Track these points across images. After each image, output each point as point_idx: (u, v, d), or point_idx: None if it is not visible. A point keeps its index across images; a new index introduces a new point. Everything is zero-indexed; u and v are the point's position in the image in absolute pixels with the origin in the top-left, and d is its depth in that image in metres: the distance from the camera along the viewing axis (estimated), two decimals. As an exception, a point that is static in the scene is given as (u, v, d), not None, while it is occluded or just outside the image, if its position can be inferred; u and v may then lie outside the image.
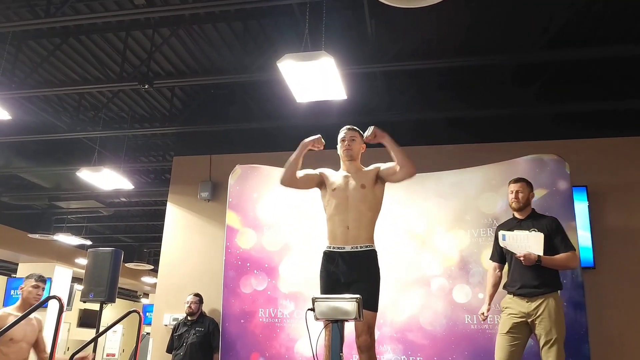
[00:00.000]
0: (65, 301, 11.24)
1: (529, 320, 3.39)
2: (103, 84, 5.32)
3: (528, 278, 3.42)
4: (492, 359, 3.92)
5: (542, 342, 3.35)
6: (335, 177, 3.31)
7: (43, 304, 3.48)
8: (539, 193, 4.21)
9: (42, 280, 3.81)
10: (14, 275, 11.42)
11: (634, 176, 4.96)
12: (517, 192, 3.63)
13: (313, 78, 3.93)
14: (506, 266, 3.63)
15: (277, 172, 4.79)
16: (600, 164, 5.03)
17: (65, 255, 11.05)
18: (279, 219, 4.61)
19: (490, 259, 3.78)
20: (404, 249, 4.41)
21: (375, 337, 4.14)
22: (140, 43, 5.04)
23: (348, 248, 3.05)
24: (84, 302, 4.63)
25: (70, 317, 15.02)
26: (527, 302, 3.40)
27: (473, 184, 4.43)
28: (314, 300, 2.55)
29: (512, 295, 3.51)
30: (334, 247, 3.11)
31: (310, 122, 5.40)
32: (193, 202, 5.91)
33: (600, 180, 4.96)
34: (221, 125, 5.82)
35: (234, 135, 6.07)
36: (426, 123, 5.51)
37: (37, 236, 9.22)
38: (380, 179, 3.26)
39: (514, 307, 3.46)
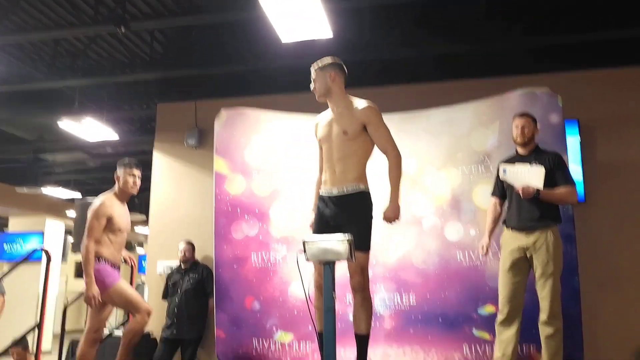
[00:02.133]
0: (60, 254, 11.27)
1: (528, 254, 3.42)
2: (78, 29, 5.07)
3: (527, 212, 3.42)
4: (484, 293, 4.02)
5: (537, 275, 3.39)
6: (322, 124, 3.19)
7: (30, 257, 3.44)
8: (530, 128, 4.15)
9: (138, 167, 3.74)
10: (6, 230, 11.38)
11: (627, 108, 4.90)
12: (522, 127, 3.56)
13: (297, 14, 3.76)
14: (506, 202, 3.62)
15: (264, 116, 4.71)
16: (592, 96, 4.94)
17: (55, 209, 10.99)
18: (268, 163, 4.54)
19: (491, 194, 3.77)
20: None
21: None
22: (113, -17, 4.78)
23: (335, 192, 3.00)
24: (75, 252, 4.61)
25: (67, 269, 15.14)
26: (526, 235, 3.41)
27: (463, 120, 4.35)
28: (304, 242, 2.52)
29: (510, 230, 3.51)
30: (324, 192, 3.07)
31: (297, 63, 5.23)
32: (180, 150, 5.81)
33: (592, 113, 4.89)
34: (205, 69, 5.62)
35: (219, 79, 5.89)
36: (415, 60, 5.36)
37: (25, 190, 9.11)
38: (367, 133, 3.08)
39: (512, 242, 3.47)
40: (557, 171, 3.46)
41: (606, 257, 4.64)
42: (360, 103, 3.06)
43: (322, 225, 2.99)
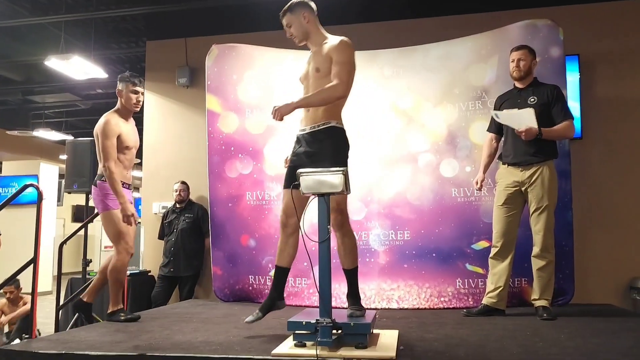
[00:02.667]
0: (55, 197, 11.27)
1: (522, 188, 3.42)
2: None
3: (523, 147, 3.41)
4: (478, 229, 4.05)
5: (532, 209, 3.41)
6: (304, 65, 3.07)
7: (20, 193, 3.40)
8: (530, 62, 4.05)
9: (141, 82, 3.58)
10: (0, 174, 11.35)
11: (628, 43, 4.78)
12: (518, 60, 3.48)
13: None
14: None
15: (257, 52, 4.58)
16: (594, 31, 4.81)
17: (49, 152, 10.91)
18: (261, 100, 4.44)
19: (487, 130, 3.74)
20: (391, 126, 4.32)
21: (364, 215, 4.22)
22: None
23: (308, 129, 2.91)
24: (69, 192, 4.59)
25: (64, 212, 15.24)
26: (522, 170, 3.41)
27: (462, 55, 4.24)
28: (299, 174, 2.49)
29: (506, 166, 3.51)
30: (299, 131, 2.99)
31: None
32: (171, 89, 5.68)
33: (592, 48, 4.77)
34: (194, 2, 5.41)
35: (210, 14, 5.67)
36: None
37: (16, 133, 9.01)
38: None
39: (507, 177, 3.48)
40: (555, 105, 3.42)
41: (600, 193, 4.66)
42: (333, 39, 2.90)
43: (296, 163, 2.87)
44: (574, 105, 4.57)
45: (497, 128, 3.66)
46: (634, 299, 4.43)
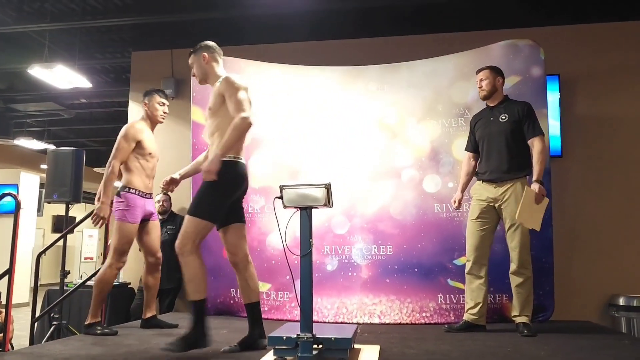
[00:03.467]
0: (35, 207, 11.09)
1: (496, 205, 3.47)
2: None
3: (496, 164, 3.47)
4: (460, 245, 4.06)
5: (507, 226, 3.46)
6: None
7: (3, 209, 3.34)
8: (511, 80, 4.12)
9: (166, 97, 3.74)
10: (-21, 183, 11.14)
11: (606, 64, 4.89)
12: (480, 80, 3.59)
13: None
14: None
15: (243, 64, 4.59)
16: (574, 51, 4.92)
17: (30, 161, 10.76)
18: (246, 113, 4.43)
19: (465, 149, 3.80)
20: (375, 141, 4.35)
21: (347, 229, 4.23)
22: None
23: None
24: (48, 202, 4.52)
25: (44, 223, 15.01)
26: (495, 187, 3.47)
27: (445, 73, 4.30)
28: (281, 187, 2.49)
29: (481, 182, 3.57)
30: None
31: (276, 13, 5.08)
32: (156, 99, 5.64)
33: (573, 68, 4.87)
34: (182, 15, 5.41)
35: (196, 27, 5.69)
36: (399, 10, 5.23)
37: (-4, 141, 8.88)
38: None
39: (482, 192, 3.54)
40: (526, 121, 3.47)
41: (580, 210, 4.73)
42: (221, 79, 2.94)
43: None
44: (554, 124, 4.66)
45: (473, 147, 3.71)
46: (612, 316, 4.48)
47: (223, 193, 2.73)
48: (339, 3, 4.99)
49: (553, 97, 4.71)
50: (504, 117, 3.51)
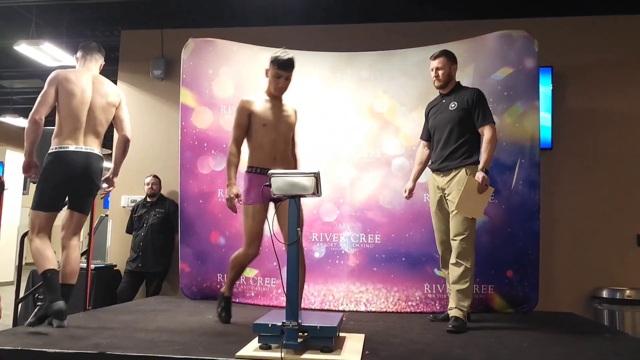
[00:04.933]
0: (20, 185, 10.94)
1: (444, 194, 3.39)
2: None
3: (443, 153, 3.39)
4: (448, 235, 4.08)
5: (450, 214, 3.33)
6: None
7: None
8: (504, 72, 4.12)
9: (287, 69, 3.24)
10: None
11: (599, 57, 4.89)
12: (436, 69, 3.45)
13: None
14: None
15: (235, 47, 4.53)
16: (568, 43, 4.91)
17: (16, 139, 10.56)
18: (237, 97, 4.34)
19: (420, 137, 3.72)
20: (366, 128, 4.33)
21: (335, 217, 4.22)
22: None
23: None
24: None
25: (30, 201, 14.84)
26: (442, 176, 3.39)
27: (439, 62, 4.25)
28: (270, 175, 2.47)
29: (432, 172, 3.52)
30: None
31: (269, -6, 5.00)
32: (145, 80, 5.58)
33: (565, 60, 4.87)
34: (173, -5, 5.32)
35: (188, 7, 5.58)
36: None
37: (-19, 118, 8.72)
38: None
39: (432, 183, 3.49)
40: (476, 108, 3.33)
41: (568, 204, 4.76)
42: None
43: None
44: (545, 116, 4.66)
45: (428, 135, 3.62)
46: (595, 308, 4.54)
47: (44, 183, 3.05)
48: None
49: (545, 89, 4.70)
50: (453, 105, 3.39)
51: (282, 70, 3.20)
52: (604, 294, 4.49)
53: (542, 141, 4.39)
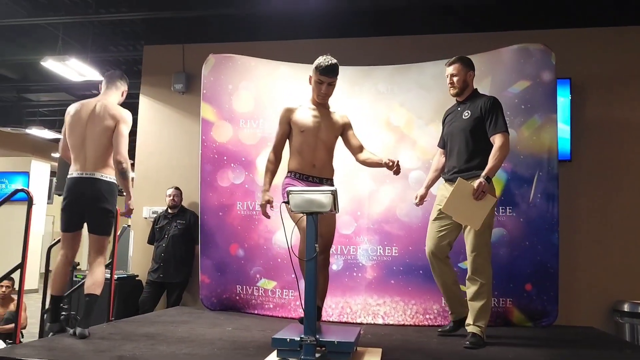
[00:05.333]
0: (45, 195, 11.22)
1: None
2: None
3: (455, 163, 3.31)
4: (465, 248, 4.08)
5: (463, 227, 3.29)
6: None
7: (11, 197, 3.41)
8: (521, 85, 4.12)
9: (330, 75, 3.25)
10: (-9, 170, 11.29)
11: (618, 68, 4.86)
12: (451, 75, 3.38)
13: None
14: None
15: (254, 63, 4.60)
16: (586, 55, 4.89)
17: (41, 150, 10.87)
18: (256, 111, 4.47)
19: (437, 145, 3.67)
20: (383, 142, 4.36)
21: (353, 229, 4.25)
22: None
23: None
24: (59, 195, 4.57)
25: (54, 210, 15.15)
26: (452, 187, 3.25)
27: (456, 75, 4.28)
28: (288, 192, 2.52)
29: (444, 181, 3.44)
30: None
31: (287, 10, 5.09)
32: (167, 94, 5.70)
33: (584, 71, 4.85)
34: (194, 10, 5.44)
35: (208, 23, 5.72)
36: (410, 11, 5.22)
37: (8, 129, 8.98)
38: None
39: (443, 193, 3.37)
40: (487, 118, 3.24)
41: (587, 215, 4.73)
42: None
43: None
44: (564, 128, 4.65)
45: (444, 143, 3.55)
46: (616, 322, 4.49)
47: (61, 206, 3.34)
48: (352, 3, 4.99)
49: (564, 100, 4.69)
50: (467, 114, 3.32)
51: (325, 75, 3.21)
52: (626, 307, 4.43)
53: (560, 153, 4.38)
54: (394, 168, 3.15)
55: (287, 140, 3.37)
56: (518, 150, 4.05)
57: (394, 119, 4.39)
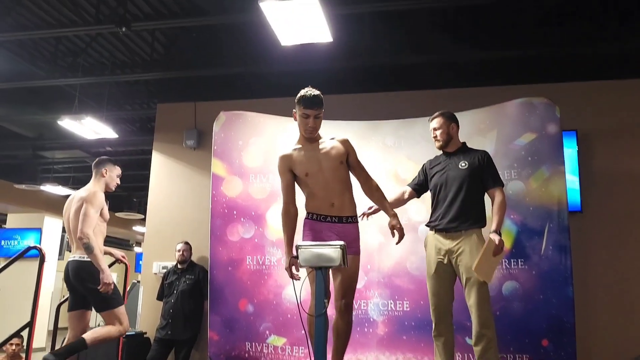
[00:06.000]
0: (56, 251, 11.24)
1: (451, 257, 3.23)
2: (79, 27, 5.08)
3: (453, 213, 3.26)
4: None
5: (463, 280, 3.20)
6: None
7: (24, 254, 3.45)
8: (527, 137, 4.16)
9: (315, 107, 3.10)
10: (4, 226, 11.39)
11: (624, 119, 4.91)
12: (434, 129, 3.45)
13: (297, 19, 3.78)
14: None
15: (262, 119, 4.72)
16: (591, 107, 4.96)
17: (54, 206, 10.97)
18: (265, 166, 4.54)
19: (408, 184, 3.65)
20: (391, 195, 4.37)
21: (363, 283, 4.21)
22: (115, -17, 4.80)
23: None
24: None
25: (64, 266, 15.15)
26: (449, 239, 3.24)
27: (461, 128, 4.31)
28: (297, 247, 2.53)
29: (433, 232, 3.36)
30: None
31: (296, 67, 5.25)
32: (178, 150, 5.82)
33: (590, 123, 4.90)
34: (205, 70, 5.65)
35: (219, 81, 5.90)
36: (415, 67, 5.37)
37: (23, 187, 9.12)
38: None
39: (434, 244, 3.31)
40: (485, 171, 3.30)
41: (601, 267, 4.64)
42: None
43: None
44: (572, 179, 4.65)
45: (417, 187, 3.54)
46: (639, 379, 4.32)
47: None
48: (358, 60, 5.16)
49: (571, 152, 4.72)
50: (463, 164, 3.32)
51: (310, 109, 3.00)
52: (647, 363, 4.28)
53: (570, 204, 4.37)
54: (396, 238, 3.11)
55: (298, 186, 3.14)
56: (527, 202, 4.05)
57: (402, 171, 4.43)
